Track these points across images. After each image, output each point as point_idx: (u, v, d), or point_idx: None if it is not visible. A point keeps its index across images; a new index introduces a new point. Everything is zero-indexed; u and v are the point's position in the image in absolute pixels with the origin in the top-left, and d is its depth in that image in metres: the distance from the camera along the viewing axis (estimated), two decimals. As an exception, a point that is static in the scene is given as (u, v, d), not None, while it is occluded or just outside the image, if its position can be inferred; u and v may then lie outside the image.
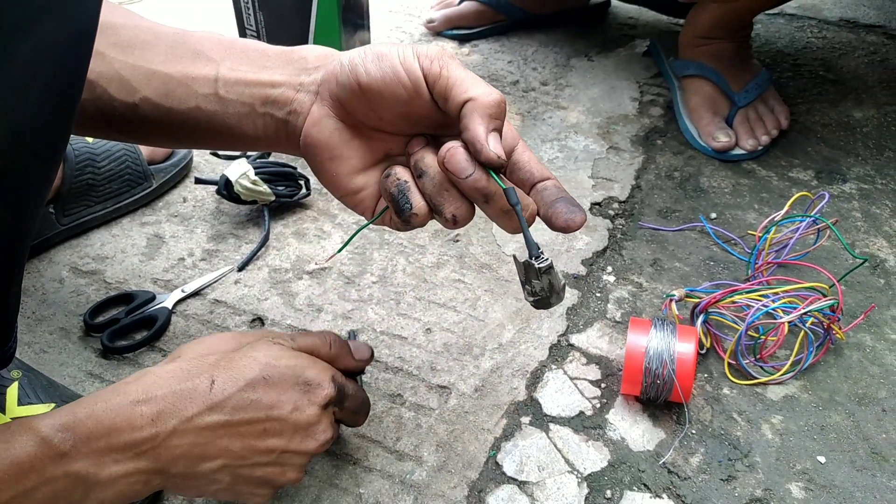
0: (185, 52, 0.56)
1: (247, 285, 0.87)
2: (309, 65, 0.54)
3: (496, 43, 1.38)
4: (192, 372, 0.52)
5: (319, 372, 0.56)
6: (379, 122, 0.51)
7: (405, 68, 0.48)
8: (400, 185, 0.50)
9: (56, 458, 0.45)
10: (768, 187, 1.03)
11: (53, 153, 0.47)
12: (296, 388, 0.54)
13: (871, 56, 1.33)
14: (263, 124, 0.55)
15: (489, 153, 0.46)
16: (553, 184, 0.53)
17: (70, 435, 0.46)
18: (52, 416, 0.47)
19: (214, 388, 0.51)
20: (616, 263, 0.91)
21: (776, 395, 0.75)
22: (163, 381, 0.50)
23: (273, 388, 0.53)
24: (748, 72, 1.13)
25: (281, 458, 0.55)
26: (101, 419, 0.47)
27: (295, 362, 0.55)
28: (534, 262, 0.50)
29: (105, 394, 0.49)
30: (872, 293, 0.87)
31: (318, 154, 0.53)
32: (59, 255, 0.91)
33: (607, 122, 1.16)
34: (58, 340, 0.80)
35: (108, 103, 0.56)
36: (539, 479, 0.68)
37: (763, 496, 0.67)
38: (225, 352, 0.55)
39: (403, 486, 0.67)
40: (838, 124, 1.16)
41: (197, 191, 1.02)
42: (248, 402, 0.52)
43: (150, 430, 0.48)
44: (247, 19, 1.01)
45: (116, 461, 0.47)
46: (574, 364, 0.79)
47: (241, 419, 0.52)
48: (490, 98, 0.47)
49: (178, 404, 0.49)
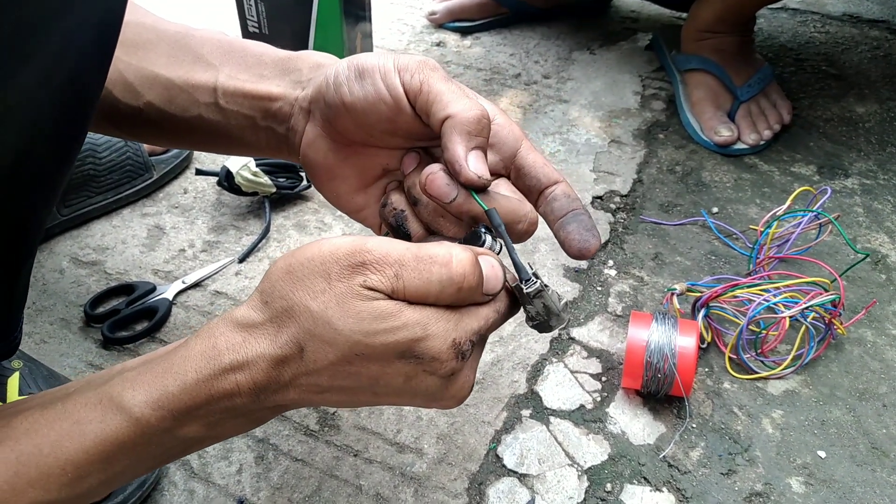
0: (185, 55, 0.55)
1: (247, 277, 0.87)
2: (303, 77, 0.53)
3: (498, 36, 1.38)
4: (280, 333, 0.42)
5: (437, 342, 0.42)
6: (369, 139, 0.50)
7: (386, 84, 0.46)
8: (397, 216, 0.50)
9: (160, 432, 0.42)
10: (770, 182, 1.03)
11: (72, 145, 0.46)
12: (404, 360, 0.42)
13: (874, 51, 1.33)
14: (266, 137, 0.55)
15: (468, 174, 0.44)
16: (563, 191, 0.50)
17: (167, 412, 0.42)
18: (139, 388, 0.42)
19: (305, 357, 0.42)
20: (617, 257, 0.91)
21: (777, 390, 0.75)
22: (253, 341, 0.42)
23: (372, 362, 0.42)
24: (751, 66, 1.13)
25: (412, 402, 0.46)
26: (196, 393, 0.42)
27: (396, 337, 0.41)
28: (523, 287, 0.45)
29: (193, 359, 0.42)
30: (874, 288, 0.87)
31: (317, 174, 0.53)
32: (60, 245, 0.91)
33: (609, 116, 1.16)
34: (58, 331, 0.80)
35: (113, 105, 0.56)
36: (539, 472, 0.68)
37: (763, 490, 0.67)
38: (306, 308, 0.42)
39: (404, 477, 0.67)
40: (841, 119, 1.15)
41: (198, 182, 1.01)
42: (346, 374, 0.42)
43: (249, 397, 0.42)
44: (248, 10, 1.00)
45: (224, 420, 0.43)
46: (575, 357, 0.79)
47: (342, 385, 0.43)
48: (470, 114, 0.44)
49: (272, 372, 0.42)
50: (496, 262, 0.45)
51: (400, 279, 0.41)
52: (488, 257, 0.44)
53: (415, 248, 0.42)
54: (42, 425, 0.42)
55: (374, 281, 0.41)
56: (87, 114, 0.46)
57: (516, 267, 0.45)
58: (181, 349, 0.43)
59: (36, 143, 0.41)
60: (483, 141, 0.45)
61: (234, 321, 0.43)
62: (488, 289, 0.44)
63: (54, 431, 0.41)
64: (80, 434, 0.41)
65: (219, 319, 0.44)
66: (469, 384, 0.46)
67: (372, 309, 0.40)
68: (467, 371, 0.45)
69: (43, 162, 0.43)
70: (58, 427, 0.42)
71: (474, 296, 0.43)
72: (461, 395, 0.45)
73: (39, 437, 0.41)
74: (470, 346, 0.43)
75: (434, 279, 0.41)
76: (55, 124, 0.42)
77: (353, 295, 0.41)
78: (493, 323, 0.45)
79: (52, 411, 0.42)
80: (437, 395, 0.44)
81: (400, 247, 0.42)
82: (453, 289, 0.42)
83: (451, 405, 0.46)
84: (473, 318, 0.43)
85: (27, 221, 0.46)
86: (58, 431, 0.41)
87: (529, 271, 0.45)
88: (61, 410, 0.42)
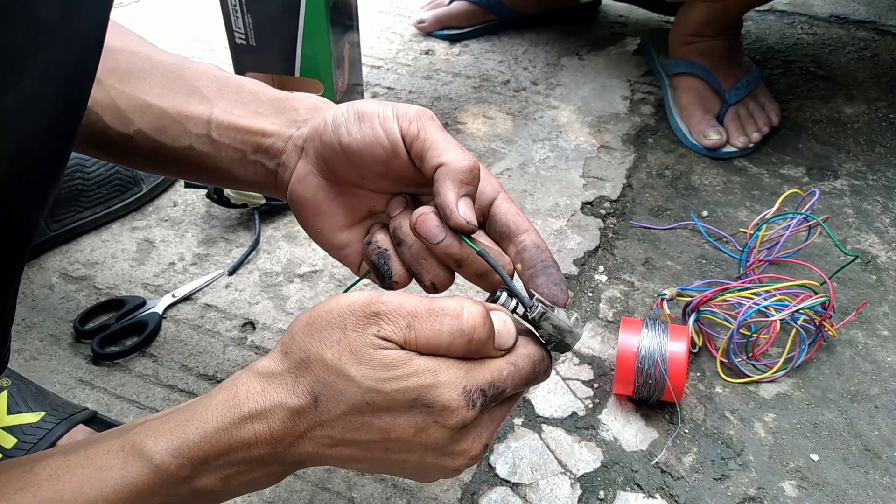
0: (180, 86, 0.57)
1: (238, 289, 0.87)
2: (299, 117, 0.55)
3: (487, 43, 1.38)
4: (297, 384, 0.44)
5: (447, 391, 0.42)
6: (361, 180, 0.52)
7: (384, 129, 0.49)
8: (380, 254, 0.52)
9: (178, 482, 0.43)
10: (759, 185, 1.03)
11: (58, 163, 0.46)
12: (415, 410, 0.42)
13: (861, 52, 1.33)
14: (254, 171, 0.56)
15: (458, 219, 0.47)
16: (533, 241, 0.51)
17: (187, 461, 0.43)
18: (161, 436, 0.43)
19: (319, 408, 0.43)
20: (608, 263, 0.91)
21: (769, 394, 0.75)
22: (272, 391, 0.44)
23: (383, 412, 0.42)
24: (739, 69, 1.13)
25: (421, 467, 0.46)
26: (216, 441, 0.43)
27: (406, 384, 0.41)
28: (528, 314, 0.47)
29: (215, 408, 0.44)
30: (864, 290, 0.87)
31: (304, 210, 0.54)
32: (49, 260, 0.91)
33: (598, 121, 1.16)
34: (48, 347, 0.80)
35: (102, 131, 0.56)
36: (532, 481, 0.68)
37: (756, 495, 0.67)
38: (321, 358, 0.43)
39: (396, 489, 0.67)
40: (829, 121, 1.16)
41: (187, 195, 1.01)
42: (358, 426, 0.43)
43: (266, 448, 0.44)
44: (235, 22, 1.00)
45: (241, 473, 0.44)
46: (566, 364, 0.79)
47: (355, 439, 0.43)
48: (462, 164, 0.47)
49: (289, 423, 0.43)
50: (508, 317, 0.45)
51: (412, 330, 0.42)
52: (500, 313, 0.45)
53: (427, 301, 0.43)
54: (64, 472, 0.42)
55: (387, 331, 0.42)
56: (73, 133, 0.46)
57: (516, 297, 0.47)
58: (204, 399, 0.45)
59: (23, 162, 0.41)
60: (473, 189, 0.48)
61: (256, 372, 0.45)
62: (500, 343, 0.44)
63: (76, 478, 0.42)
64: (101, 481, 0.42)
65: (242, 371, 0.46)
66: (481, 443, 0.45)
67: (383, 357, 0.42)
68: (481, 429, 0.45)
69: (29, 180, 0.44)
70: (80, 474, 0.42)
71: (486, 349, 0.44)
72: (472, 453, 0.45)
73: (61, 483, 0.42)
74: (482, 396, 0.43)
75: (445, 330, 0.42)
76: (40, 146, 0.42)
77: (366, 344, 0.42)
78: (510, 376, 0.45)
79: (75, 458, 0.43)
80: (447, 450, 0.44)
81: (413, 299, 0.43)
82: (464, 340, 0.42)
83: (459, 464, 0.45)
84: (485, 369, 0.44)
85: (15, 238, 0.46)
86: (80, 478, 0.42)
87: (531, 299, 0.47)
88: (83, 457, 0.43)
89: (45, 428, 0.65)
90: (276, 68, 1.05)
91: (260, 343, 0.81)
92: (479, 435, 0.45)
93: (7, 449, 0.64)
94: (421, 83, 1.26)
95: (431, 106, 1.20)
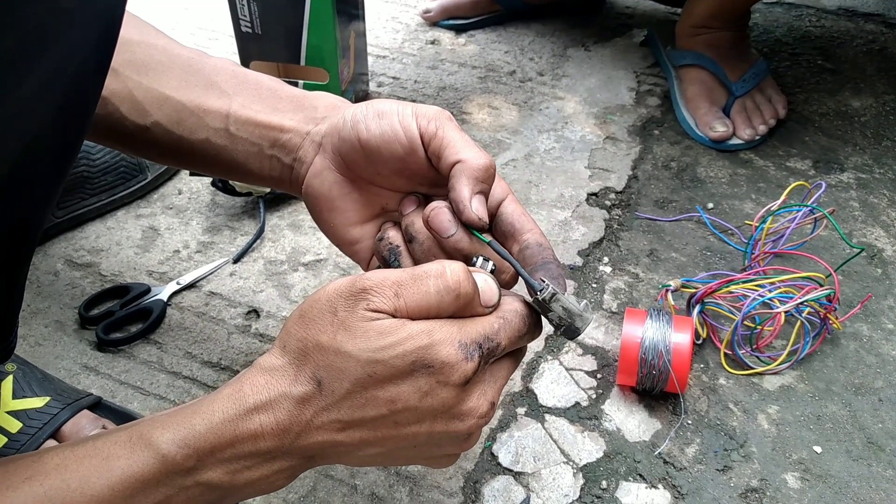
0: (198, 80, 0.57)
1: (242, 277, 0.87)
2: (318, 114, 0.56)
3: (493, 33, 1.38)
4: (299, 373, 0.45)
5: (444, 348, 0.43)
6: (376, 176, 0.53)
7: (403, 127, 0.50)
8: (392, 250, 0.53)
9: (183, 473, 0.43)
10: (765, 177, 1.03)
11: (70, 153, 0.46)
12: (416, 374, 0.43)
13: (869, 45, 1.33)
14: (270, 165, 0.57)
15: (470, 214, 0.48)
16: (536, 240, 0.52)
17: (192, 451, 0.43)
18: (168, 427, 0.44)
19: (323, 391, 0.44)
20: (612, 254, 0.91)
21: (772, 386, 0.75)
22: (275, 382, 0.44)
23: (386, 382, 0.43)
24: (746, 61, 1.13)
25: (432, 439, 0.46)
26: (222, 433, 0.44)
27: (404, 348, 0.42)
28: (537, 296, 0.47)
29: (221, 401, 0.44)
30: (869, 283, 0.87)
31: (318, 204, 0.56)
32: (54, 247, 0.91)
33: (604, 113, 1.16)
34: (53, 333, 0.80)
35: (119, 122, 0.57)
36: (535, 470, 0.68)
37: (759, 486, 0.67)
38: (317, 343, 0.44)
39: (399, 477, 0.67)
40: (836, 114, 1.15)
41: (192, 183, 1.01)
42: (363, 402, 0.44)
43: (273, 440, 0.44)
44: (240, 10, 1.00)
45: (248, 468, 0.45)
46: (570, 355, 0.79)
47: (363, 417, 0.44)
48: (479, 162, 0.48)
49: (294, 410, 0.44)
50: (489, 277, 0.47)
51: (400, 297, 0.43)
52: (480, 273, 0.47)
53: (410, 269, 0.45)
54: (72, 461, 0.43)
55: (376, 303, 0.43)
56: (86, 123, 0.46)
57: (526, 282, 0.48)
58: (211, 394, 0.46)
59: (35, 151, 0.41)
60: (487, 188, 0.50)
61: (259, 367, 0.46)
62: (485, 300, 0.46)
63: (83, 467, 0.43)
64: (108, 470, 0.42)
65: (247, 368, 0.46)
66: (487, 400, 0.46)
67: (377, 327, 0.43)
68: (484, 386, 0.46)
69: (41, 170, 0.44)
70: (87, 463, 0.43)
71: (473, 305, 0.45)
72: (480, 410, 0.46)
73: (69, 472, 0.42)
74: (478, 349, 0.44)
75: (432, 290, 0.44)
76: (54, 133, 0.42)
77: (358, 319, 0.43)
78: (501, 328, 0.46)
79: (83, 449, 0.44)
80: (455, 411, 0.45)
81: (396, 271, 0.45)
82: (451, 296, 0.44)
83: (470, 424, 0.46)
84: (477, 324, 0.45)
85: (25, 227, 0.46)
86: (87, 467, 0.43)
87: (539, 282, 0.47)
88: (91, 447, 0.44)
89: (49, 413, 0.66)
90: (282, 57, 1.04)
91: (264, 331, 0.81)
92: (483, 392, 0.46)
93: (12, 433, 0.64)
94: (426, 73, 1.26)
95: (437, 96, 1.19)
